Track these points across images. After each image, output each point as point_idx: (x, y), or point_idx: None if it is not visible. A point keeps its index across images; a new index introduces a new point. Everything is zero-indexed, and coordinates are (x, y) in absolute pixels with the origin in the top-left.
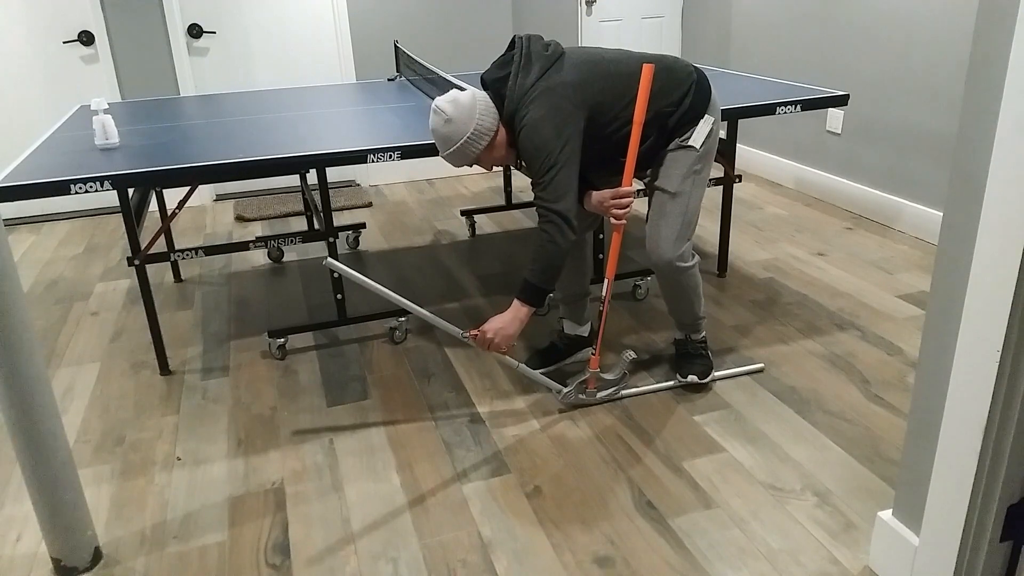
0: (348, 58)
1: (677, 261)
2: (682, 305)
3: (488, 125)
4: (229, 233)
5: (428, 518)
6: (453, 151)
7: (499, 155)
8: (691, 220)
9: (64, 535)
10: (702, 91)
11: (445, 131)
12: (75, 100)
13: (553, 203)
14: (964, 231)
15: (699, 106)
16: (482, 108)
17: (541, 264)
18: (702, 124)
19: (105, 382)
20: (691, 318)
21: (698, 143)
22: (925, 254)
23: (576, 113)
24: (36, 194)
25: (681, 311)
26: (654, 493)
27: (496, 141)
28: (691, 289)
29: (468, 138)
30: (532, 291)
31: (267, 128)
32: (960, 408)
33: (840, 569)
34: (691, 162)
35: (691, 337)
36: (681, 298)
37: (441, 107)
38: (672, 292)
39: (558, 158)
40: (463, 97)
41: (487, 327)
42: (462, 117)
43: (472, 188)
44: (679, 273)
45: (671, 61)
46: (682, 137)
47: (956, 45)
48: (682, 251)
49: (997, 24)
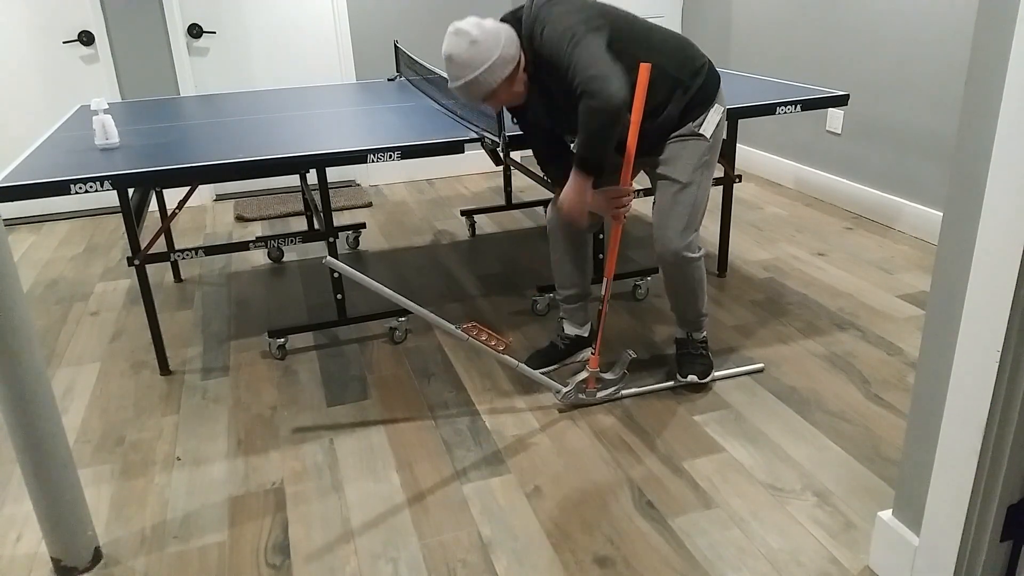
0: (348, 58)
1: (684, 251)
2: (686, 299)
3: (512, 54)
4: (229, 233)
5: (428, 518)
6: (472, 79)
7: (517, 91)
8: (699, 211)
9: (64, 535)
10: (714, 76)
11: (468, 55)
12: (75, 100)
13: (586, 70)
14: (964, 231)
15: (711, 88)
16: (507, 35)
17: (586, 133)
18: (712, 113)
19: (105, 382)
20: (694, 314)
21: (708, 132)
22: (925, 254)
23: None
24: (36, 194)
25: (684, 306)
26: (654, 493)
27: (517, 75)
28: (696, 282)
29: (492, 63)
30: (584, 162)
31: (267, 128)
32: (960, 408)
33: (840, 569)
34: (701, 152)
35: (692, 336)
36: (686, 292)
37: (465, 28)
38: (677, 285)
39: (581, 32)
40: (488, 22)
41: (559, 203)
42: (488, 41)
43: (472, 188)
44: (686, 264)
45: (686, 41)
46: (695, 120)
47: (956, 45)
48: (689, 241)
49: (997, 24)
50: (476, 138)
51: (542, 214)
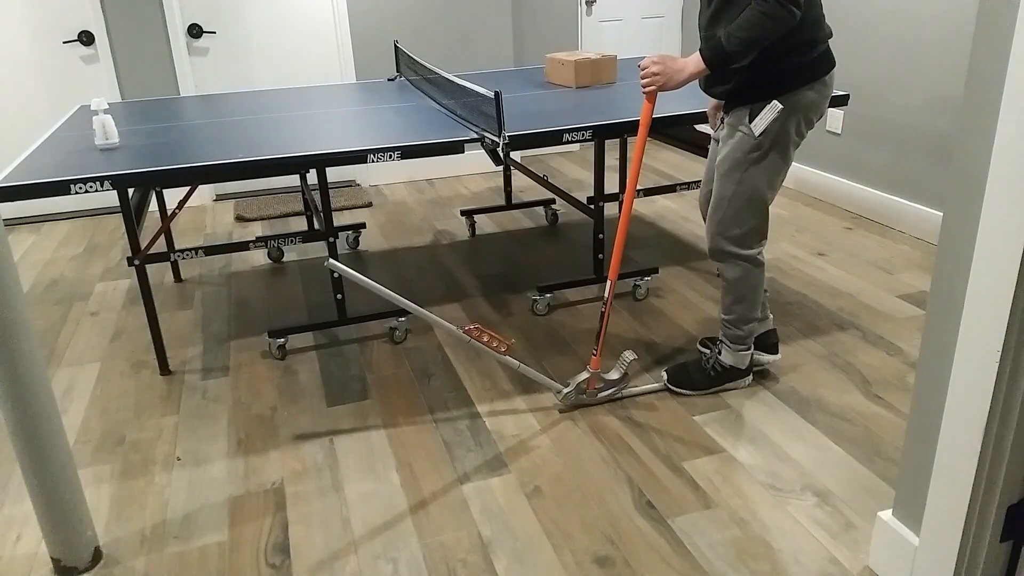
0: (348, 58)
1: (715, 247)
2: (721, 293)
3: None
4: (229, 233)
5: (428, 518)
6: None
7: None
8: (734, 207)
9: (64, 535)
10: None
11: None
12: (75, 100)
13: None
14: (964, 231)
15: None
16: None
17: (740, 28)
18: (768, 110)
19: (105, 382)
20: (723, 309)
21: (758, 129)
22: (925, 254)
23: None
24: (36, 194)
25: (723, 297)
26: (654, 493)
27: None
28: (729, 281)
29: None
30: (717, 52)
31: (267, 128)
32: (960, 408)
33: (840, 569)
34: (746, 149)
35: (714, 344)
36: (724, 285)
37: None
38: (720, 273)
39: None
40: None
41: (659, 59)
42: None
43: (472, 188)
44: (719, 257)
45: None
46: (746, 107)
47: (956, 45)
48: (719, 235)
49: (997, 24)
50: (476, 138)
51: (542, 214)
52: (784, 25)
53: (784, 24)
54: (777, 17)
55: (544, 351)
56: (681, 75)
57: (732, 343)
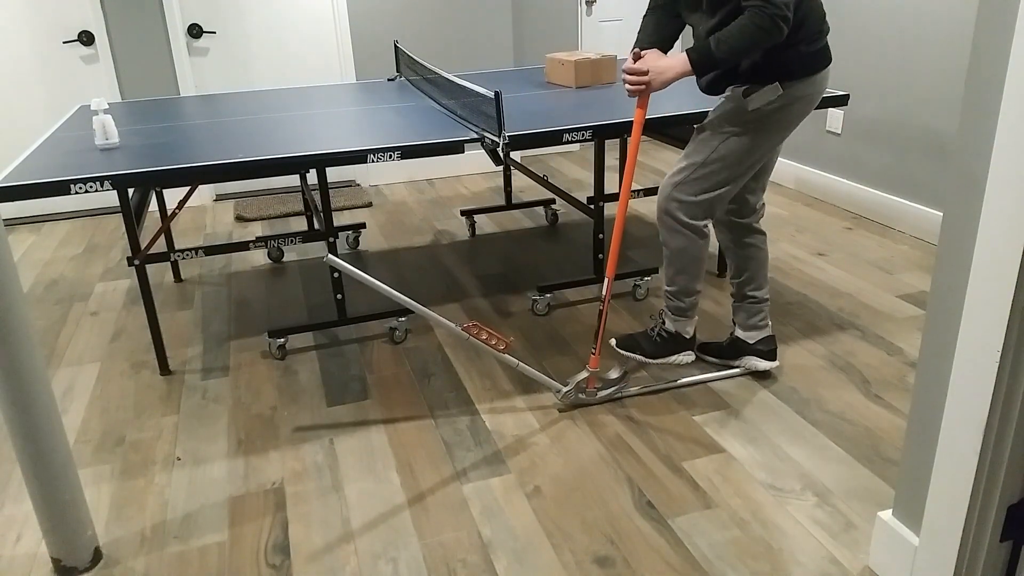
0: (348, 58)
1: (666, 203)
2: (665, 260)
3: None
4: (229, 233)
5: (428, 518)
6: None
7: None
8: (703, 173)
9: (64, 535)
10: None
11: None
12: (75, 100)
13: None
14: (964, 231)
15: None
16: None
17: (731, 37)
18: (768, 90)
19: (105, 382)
20: (666, 280)
21: (752, 104)
22: (925, 254)
23: None
24: (36, 194)
25: (665, 266)
26: (654, 493)
27: None
28: (673, 251)
29: None
30: (705, 56)
31: (267, 128)
32: (960, 408)
33: (840, 569)
34: (733, 119)
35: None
36: (666, 252)
37: None
38: (662, 239)
39: None
40: None
41: (647, 58)
42: None
43: (472, 188)
44: (664, 217)
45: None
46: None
47: (956, 45)
48: (674, 195)
49: (997, 24)
50: (476, 138)
51: (542, 214)
52: (772, 40)
53: (772, 39)
54: (769, 30)
55: (544, 351)
56: (665, 76)
57: (674, 314)
